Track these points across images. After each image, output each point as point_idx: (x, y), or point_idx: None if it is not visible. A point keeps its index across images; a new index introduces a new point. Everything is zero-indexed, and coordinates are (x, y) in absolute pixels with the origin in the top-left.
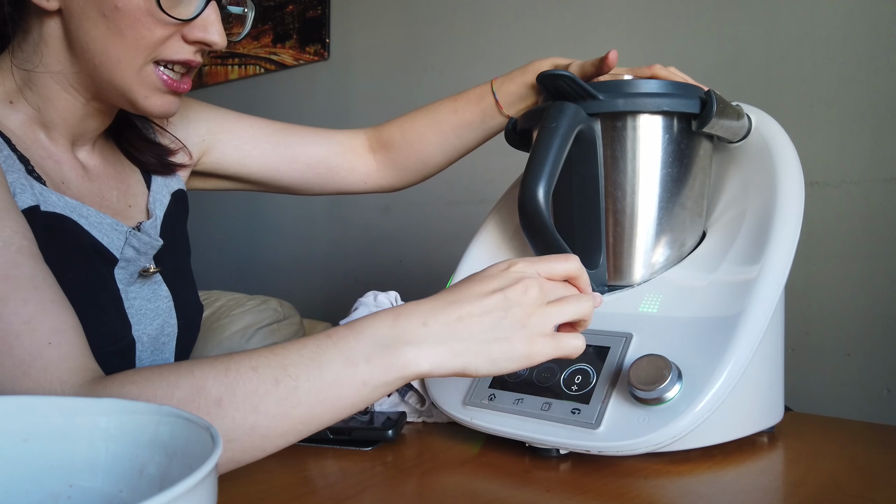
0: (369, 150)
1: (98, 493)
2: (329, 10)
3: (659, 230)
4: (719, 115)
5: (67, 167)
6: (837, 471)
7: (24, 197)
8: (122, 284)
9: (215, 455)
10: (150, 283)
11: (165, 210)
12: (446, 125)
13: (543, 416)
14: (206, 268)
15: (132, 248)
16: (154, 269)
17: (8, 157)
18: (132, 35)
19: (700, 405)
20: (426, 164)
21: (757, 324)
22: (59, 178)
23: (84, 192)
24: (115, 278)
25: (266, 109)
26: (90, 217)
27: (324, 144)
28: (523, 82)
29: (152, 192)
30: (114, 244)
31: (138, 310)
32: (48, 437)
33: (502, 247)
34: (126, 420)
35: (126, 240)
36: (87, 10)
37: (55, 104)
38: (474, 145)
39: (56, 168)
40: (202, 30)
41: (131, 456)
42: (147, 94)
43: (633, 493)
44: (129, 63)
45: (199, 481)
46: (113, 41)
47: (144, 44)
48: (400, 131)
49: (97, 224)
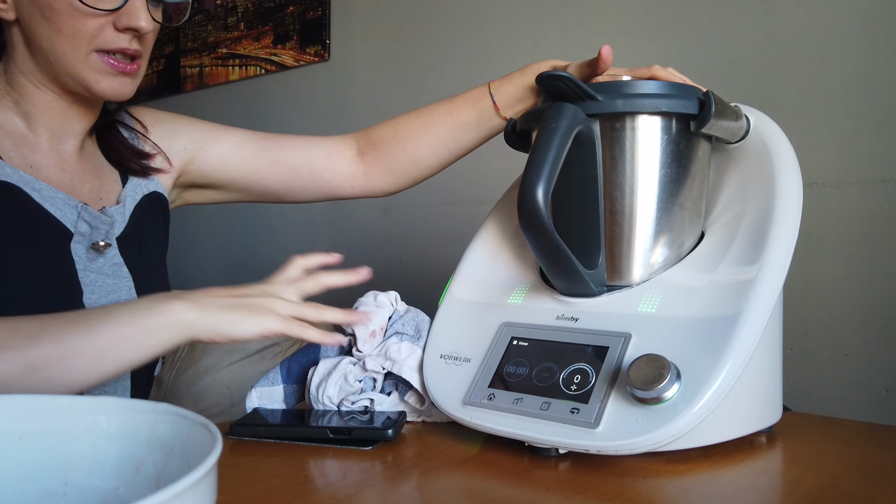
0: (357, 154)
1: (94, 490)
2: (329, 12)
3: (658, 230)
4: (718, 115)
5: (41, 155)
6: (836, 471)
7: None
8: (78, 257)
9: (215, 453)
10: (109, 262)
11: (136, 204)
12: (441, 126)
13: (543, 415)
14: (206, 268)
15: (85, 223)
16: (104, 244)
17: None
18: (69, 29)
19: (699, 405)
20: (417, 166)
21: (755, 324)
22: (28, 162)
23: (54, 178)
24: (72, 251)
25: (266, 110)
26: (42, 191)
27: (306, 148)
28: (522, 84)
29: (125, 188)
30: (66, 217)
31: (93, 282)
32: (43, 435)
33: (502, 247)
34: (124, 418)
35: (79, 214)
36: (34, 15)
37: (32, 100)
38: (468, 148)
39: (29, 154)
40: (128, 17)
41: (128, 453)
42: (98, 78)
43: (632, 493)
44: (74, 55)
45: (198, 479)
46: (57, 38)
47: (80, 36)
48: (391, 132)
49: (49, 198)
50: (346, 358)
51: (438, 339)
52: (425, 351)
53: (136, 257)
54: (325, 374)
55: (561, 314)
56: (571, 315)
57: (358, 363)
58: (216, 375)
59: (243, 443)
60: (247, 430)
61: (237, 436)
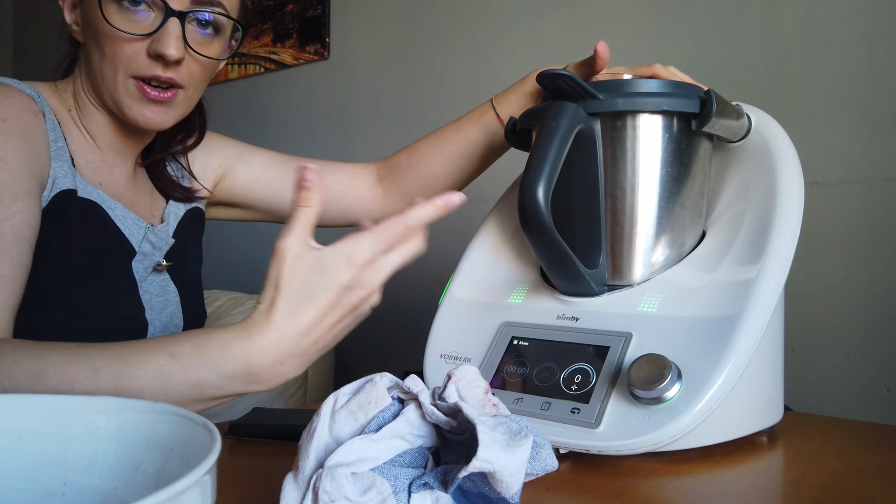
0: (377, 179)
1: (93, 489)
2: (329, 10)
3: (659, 230)
4: (719, 114)
5: (107, 172)
6: (837, 470)
7: (66, 181)
8: (137, 275)
9: (214, 453)
10: (160, 278)
11: (179, 220)
12: (450, 144)
13: (543, 415)
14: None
15: (149, 243)
16: (166, 265)
17: (60, 149)
18: (109, 53)
19: (700, 405)
20: (431, 187)
21: (757, 323)
22: (98, 180)
23: (118, 195)
24: (132, 269)
25: (266, 109)
26: (116, 210)
27: (332, 172)
28: (522, 92)
29: (169, 205)
30: (134, 237)
31: (149, 300)
32: (42, 434)
33: (503, 246)
34: (123, 418)
35: (145, 235)
36: (88, 37)
37: (92, 118)
38: (480, 164)
39: (97, 171)
40: (158, 43)
41: (127, 453)
42: (131, 104)
43: (633, 493)
44: (114, 77)
45: (198, 479)
46: (102, 60)
47: (118, 60)
48: (406, 156)
49: (122, 217)
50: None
51: (438, 338)
52: (425, 351)
53: (181, 273)
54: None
55: (561, 314)
56: (572, 315)
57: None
58: None
59: (243, 443)
60: (246, 430)
61: (237, 436)
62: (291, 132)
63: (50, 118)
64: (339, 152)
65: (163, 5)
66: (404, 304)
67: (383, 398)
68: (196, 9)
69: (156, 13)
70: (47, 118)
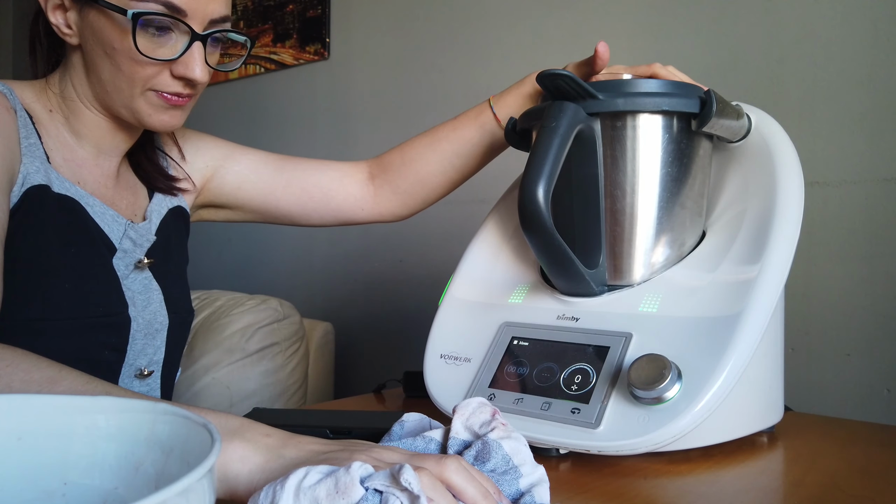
0: (368, 177)
1: (93, 490)
2: (329, 10)
3: (659, 230)
4: (719, 114)
5: (87, 171)
6: (837, 471)
7: (37, 177)
8: (119, 272)
9: (214, 453)
10: (142, 276)
11: (162, 218)
12: (445, 143)
13: (543, 415)
14: (206, 268)
15: (129, 240)
16: (148, 262)
17: (33, 145)
18: (128, 70)
19: (700, 405)
20: (425, 186)
21: (757, 323)
22: (76, 178)
23: (98, 193)
24: (114, 266)
25: (266, 109)
26: (94, 207)
27: (321, 170)
28: (520, 94)
29: (152, 203)
30: (114, 234)
31: (131, 297)
32: (42, 434)
33: (502, 247)
34: (123, 418)
35: (125, 231)
36: (96, 48)
37: (82, 119)
38: (475, 164)
39: (77, 169)
40: (184, 67)
41: (127, 453)
42: (150, 112)
43: (633, 493)
44: (131, 91)
45: (198, 479)
46: (116, 73)
47: (138, 78)
48: (399, 154)
49: (100, 213)
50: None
51: (438, 338)
52: (425, 351)
53: (164, 270)
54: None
55: (561, 314)
56: (572, 315)
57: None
58: (215, 375)
59: None
60: None
61: None
62: (291, 132)
63: (22, 115)
64: (338, 152)
65: (189, 30)
66: (404, 304)
67: (353, 490)
68: (215, 30)
69: (177, 34)
70: (19, 115)
